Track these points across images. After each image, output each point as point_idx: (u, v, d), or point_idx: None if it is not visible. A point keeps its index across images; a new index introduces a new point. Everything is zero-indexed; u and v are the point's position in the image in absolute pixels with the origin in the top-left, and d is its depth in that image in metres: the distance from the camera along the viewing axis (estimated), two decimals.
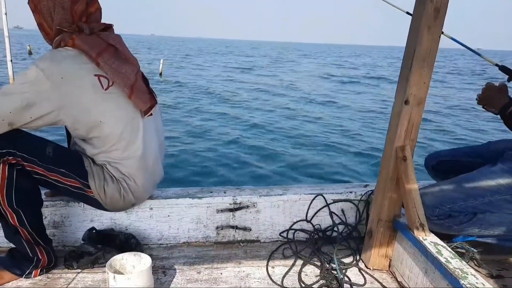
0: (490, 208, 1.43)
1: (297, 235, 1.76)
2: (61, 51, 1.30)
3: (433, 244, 1.29)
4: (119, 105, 1.38)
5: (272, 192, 1.76)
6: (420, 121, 1.38)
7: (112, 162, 1.41)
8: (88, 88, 1.30)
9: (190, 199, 1.69)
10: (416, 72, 1.30)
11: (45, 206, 1.58)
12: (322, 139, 7.84)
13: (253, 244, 1.75)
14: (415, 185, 1.36)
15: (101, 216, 1.64)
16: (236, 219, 1.73)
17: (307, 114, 10.60)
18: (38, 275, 1.43)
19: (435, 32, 1.27)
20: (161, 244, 1.72)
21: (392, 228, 1.50)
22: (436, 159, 1.82)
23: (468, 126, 9.72)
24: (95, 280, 1.43)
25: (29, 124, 1.28)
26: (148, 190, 1.59)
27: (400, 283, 1.45)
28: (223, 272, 1.52)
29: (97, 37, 1.36)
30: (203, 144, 7.11)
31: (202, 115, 9.93)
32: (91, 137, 1.37)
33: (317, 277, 1.48)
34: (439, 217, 1.48)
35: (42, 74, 1.24)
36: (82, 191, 1.42)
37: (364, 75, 24.88)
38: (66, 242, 1.67)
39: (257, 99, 13.17)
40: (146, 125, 1.47)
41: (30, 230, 1.37)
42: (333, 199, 1.76)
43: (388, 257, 1.54)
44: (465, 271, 1.15)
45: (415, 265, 1.37)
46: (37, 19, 1.36)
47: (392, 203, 1.47)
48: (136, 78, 1.43)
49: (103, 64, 1.32)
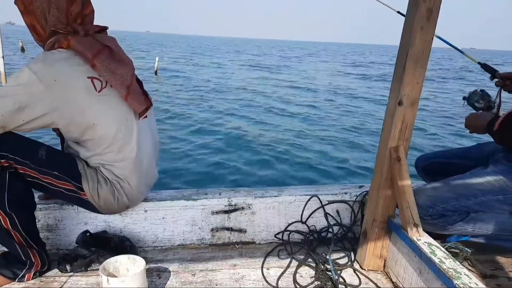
0: (482, 208, 1.44)
1: (292, 237, 1.76)
2: (54, 53, 1.29)
3: (427, 244, 1.30)
4: (113, 107, 1.37)
5: (267, 194, 1.75)
6: (414, 121, 1.38)
7: (106, 165, 1.41)
8: (81, 90, 1.29)
9: (185, 201, 1.68)
10: (410, 72, 1.31)
11: (39, 209, 1.57)
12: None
13: (248, 246, 1.75)
14: (409, 186, 1.37)
15: (95, 219, 1.63)
16: (231, 221, 1.73)
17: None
18: (32, 278, 1.42)
19: (428, 32, 1.27)
20: (156, 246, 1.71)
21: (386, 228, 1.50)
22: (426, 161, 1.83)
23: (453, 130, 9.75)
24: (89, 283, 1.42)
25: (22, 126, 1.27)
26: (143, 193, 1.58)
27: (395, 284, 1.46)
28: (218, 274, 1.51)
29: (92, 39, 1.35)
30: (209, 143, 7.12)
31: (233, 115, 9.91)
32: (84, 139, 1.36)
33: (312, 278, 1.48)
34: (432, 217, 1.48)
35: (35, 76, 1.23)
36: (76, 193, 1.41)
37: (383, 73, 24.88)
38: (60, 245, 1.65)
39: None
40: (140, 127, 1.47)
41: (23, 233, 1.36)
42: (328, 200, 1.76)
43: (382, 258, 1.55)
44: (459, 271, 1.15)
45: (409, 265, 1.37)
46: (28, 20, 1.33)
47: (386, 204, 1.47)
48: (131, 79, 1.43)
49: (100, 65, 1.31)
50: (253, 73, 22.62)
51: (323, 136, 8.14)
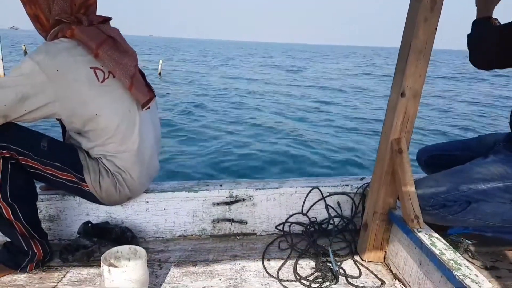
0: (483, 197, 1.44)
1: (293, 228, 1.77)
2: (56, 44, 1.28)
3: (428, 236, 1.30)
4: (115, 98, 1.37)
5: (268, 185, 1.76)
6: (416, 113, 1.37)
7: (108, 156, 1.41)
8: (83, 80, 1.29)
9: (186, 192, 1.69)
10: (412, 64, 1.30)
11: (41, 200, 1.58)
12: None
13: (249, 237, 1.75)
14: (411, 178, 1.37)
15: (97, 209, 1.64)
16: (232, 212, 1.73)
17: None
18: (34, 268, 1.43)
19: (432, 24, 1.26)
20: (157, 237, 1.72)
21: (387, 220, 1.51)
22: (428, 153, 1.83)
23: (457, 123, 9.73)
24: (90, 273, 1.43)
25: (24, 116, 1.27)
26: (144, 184, 1.59)
27: (395, 275, 1.46)
28: (219, 265, 1.52)
29: (96, 29, 1.34)
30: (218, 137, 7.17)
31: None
32: (86, 130, 1.36)
33: (312, 269, 1.49)
34: (433, 207, 1.48)
35: (37, 66, 1.22)
36: (78, 185, 1.42)
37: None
38: (62, 236, 1.66)
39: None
40: (142, 118, 1.47)
41: (25, 224, 1.37)
42: (329, 192, 1.76)
43: (383, 249, 1.55)
44: (459, 263, 1.15)
45: (410, 257, 1.37)
46: (31, 10, 1.31)
47: (387, 196, 1.47)
48: (135, 70, 1.42)
49: (103, 55, 1.31)
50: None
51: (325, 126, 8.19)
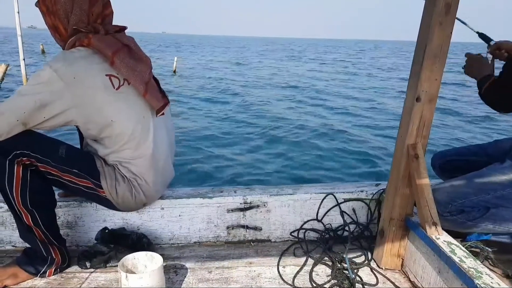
0: (502, 203, 1.42)
1: (307, 235, 1.75)
2: (73, 52, 1.32)
3: (447, 243, 1.27)
4: (130, 105, 1.39)
5: (282, 192, 1.75)
6: (432, 118, 1.36)
7: (123, 162, 1.43)
8: (99, 87, 1.31)
9: (201, 199, 1.69)
10: (428, 68, 1.28)
11: (59, 207, 1.60)
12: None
13: (263, 244, 1.75)
14: (428, 183, 1.34)
15: (114, 216, 1.66)
16: (246, 219, 1.73)
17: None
18: (53, 274, 1.46)
19: (447, 28, 1.25)
20: (173, 244, 1.73)
21: (404, 227, 1.48)
22: (443, 158, 1.80)
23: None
24: (108, 279, 1.45)
25: (43, 124, 1.30)
26: (159, 190, 1.60)
27: (413, 283, 1.43)
28: (234, 271, 1.52)
29: (112, 37, 1.38)
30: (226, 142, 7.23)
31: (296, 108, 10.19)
32: (102, 137, 1.39)
33: (328, 276, 1.47)
34: (451, 213, 1.46)
35: (55, 74, 1.25)
36: (95, 191, 1.44)
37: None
38: (79, 242, 1.69)
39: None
40: (156, 124, 1.49)
41: (44, 230, 1.39)
42: (344, 198, 1.75)
43: (400, 257, 1.53)
44: (480, 271, 1.13)
45: (428, 264, 1.35)
46: (50, 21, 1.36)
47: (404, 202, 1.45)
48: (149, 77, 1.45)
49: (119, 63, 1.34)
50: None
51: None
